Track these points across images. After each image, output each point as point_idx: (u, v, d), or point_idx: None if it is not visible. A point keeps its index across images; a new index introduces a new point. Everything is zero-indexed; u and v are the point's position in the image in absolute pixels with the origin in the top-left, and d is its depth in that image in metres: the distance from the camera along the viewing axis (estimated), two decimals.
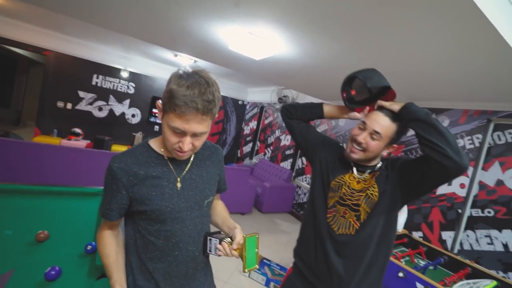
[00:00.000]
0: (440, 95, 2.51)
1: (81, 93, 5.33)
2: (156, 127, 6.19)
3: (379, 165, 1.02)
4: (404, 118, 0.89)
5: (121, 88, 5.69)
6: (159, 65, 5.82)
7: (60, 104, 5.19)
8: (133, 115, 5.90)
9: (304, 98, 4.90)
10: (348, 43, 1.81)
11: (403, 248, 2.06)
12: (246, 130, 7.00)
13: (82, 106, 5.37)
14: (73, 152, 3.04)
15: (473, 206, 2.44)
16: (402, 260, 1.74)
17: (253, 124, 6.67)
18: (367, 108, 1.02)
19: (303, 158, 4.81)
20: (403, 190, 0.94)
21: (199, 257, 0.88)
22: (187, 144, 0.72)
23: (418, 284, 1.40)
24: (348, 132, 4.05)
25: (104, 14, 2.27)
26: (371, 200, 0.96)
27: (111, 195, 0.77)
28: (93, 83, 5.40)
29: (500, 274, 2.19)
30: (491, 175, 2.36)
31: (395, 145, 0.99)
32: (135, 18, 2.23)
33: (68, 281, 1.01)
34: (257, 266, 0.83)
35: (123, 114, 5.80)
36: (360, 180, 1.00)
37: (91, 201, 1.68)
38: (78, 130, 5.12)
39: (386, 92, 0.98)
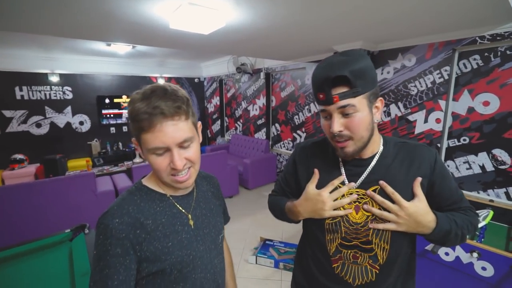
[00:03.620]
0: (403, 32, 2.40)
1: (7, 113, 4.49)
2: (112, 129, 5.56)
3: (380, 150, 0.74)
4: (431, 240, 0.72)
5: (55, 96, 4.88)
6: (94, 59, 4.99)
7: None
8: (81, 123, 5.20)
9: (263, 62, 4.60)
10: None
11: None
12: (210, 108, 6.61)
13: (14, 127, 4.56)
14: (20, 190, 2.52)
15: (449, 137, 2.52)
16: None
17: (216, 100, 6.28)
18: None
19: (277, 125, 4.68)
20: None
21: None
22: (178, 159, 0.58)
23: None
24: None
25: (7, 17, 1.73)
26: (384, 232, 0.70)
27: (115, 264, 0.54)
28: (18, 97, 4.54)
29: (481, 193, 2.36)
30: (462, 104, 2.40)
31: (378, 99, 0.70)
32: (45, 15, 1.72)
33: None
34: None
35: (68, 124, 5.07)
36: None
37: (57, 252, 1.40)
38: (20, 156, 4.41)
39: None
